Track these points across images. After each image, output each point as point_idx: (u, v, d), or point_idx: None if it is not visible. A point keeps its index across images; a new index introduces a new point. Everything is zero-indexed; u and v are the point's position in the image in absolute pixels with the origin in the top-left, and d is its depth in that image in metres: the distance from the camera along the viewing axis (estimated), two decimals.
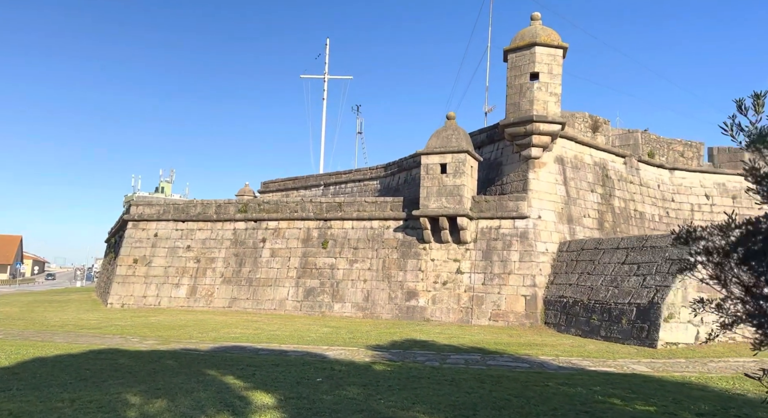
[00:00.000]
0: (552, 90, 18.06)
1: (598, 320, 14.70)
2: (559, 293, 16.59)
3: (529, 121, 17.70)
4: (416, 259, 18.94)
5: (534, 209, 17.86)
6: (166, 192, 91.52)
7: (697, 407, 6.77)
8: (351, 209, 20.76)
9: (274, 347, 12.81)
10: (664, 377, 9.07)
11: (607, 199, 20.37)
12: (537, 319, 16.75)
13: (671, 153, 23.91)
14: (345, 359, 10.90)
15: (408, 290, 18.76)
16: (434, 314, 18.10)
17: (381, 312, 18.91)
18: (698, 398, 7.32)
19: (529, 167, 18.36)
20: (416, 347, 12.93)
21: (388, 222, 19.95)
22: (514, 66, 18.65)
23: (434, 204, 18.12)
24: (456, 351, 12.34)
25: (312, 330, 15.94)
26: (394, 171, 29.04)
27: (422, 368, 9.88)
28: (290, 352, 12.04)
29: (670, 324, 12.82)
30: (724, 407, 6.85)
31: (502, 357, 11.54)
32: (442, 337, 14.73)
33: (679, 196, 23.51)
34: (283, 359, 10.81)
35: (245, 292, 21.43)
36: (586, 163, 20.17)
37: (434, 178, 18.23)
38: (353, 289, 19.67)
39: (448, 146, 18.08)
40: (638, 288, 14.02)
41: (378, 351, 12.15)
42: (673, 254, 13.75)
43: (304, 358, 11.13)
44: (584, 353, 12.25)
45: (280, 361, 10.58)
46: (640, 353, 12.31)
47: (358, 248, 20.18)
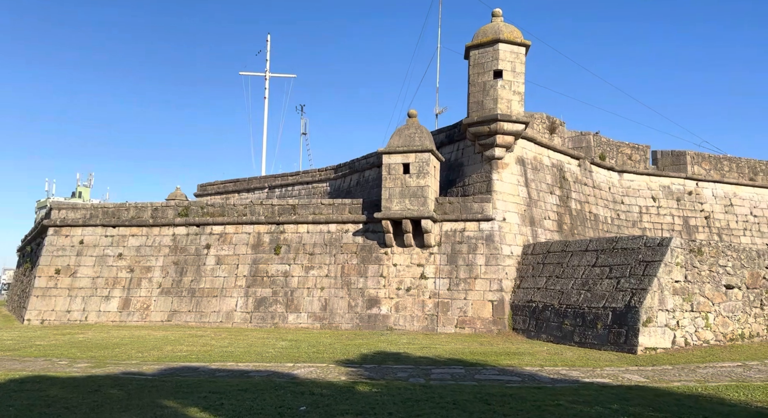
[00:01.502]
0: (515, 89, 17.68)
1: (571, 325, 14.31)
2: (527, 298, 16.13)
3: (493, 120, 17.20)
4: (378, 264, 17.93)
5: (499, 211, 17.37)
6: (84, 197, 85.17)
7: None
8: (306, 211, 19.45)
9: (232, 367, 11.39)
10: (671, 389, 8.58)
11: (565, 201, 20.31)
12: (505, 325, 16.21)
13: (620, 156, 24.37)
14: (320, 380, 9.71)
15: (369, 298, 17.70)
16: (398, 323, 17.16)
17: (340, 322, 17.73)
18: (729, 415, 6.78)
19: (492, 168, 17.86)
20: (390, 361, 11.92)
21: (346, 225, 18.81)
22: (476, 63, 18.13)
23: (397, 206, 17.21)
24: (435, 364, 11.45)
25: (268, 345, 14.55)
26: (346, 173, 27.92)
27: (411, 387, 8.88)
28: (252, 372, 10.68)
29: (648, 329, 12.57)
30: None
31: (487, 370, 10.77)
32: (413, 348, 13.82)
33: (628, 199, 23.97)
34: (249, 382, 9.46)
35: (187, 304, 19.56)
36: (545, 164, 20.01)
37: (397, 178, 17.32)
38: (309, 298, 18.36)
39: (411, 145, 17.25)
40: (612, 291, 13.73)
41: (351, 367, 11.04)
42: (646, 256, 13.58)
43: (272, 379, 9.83)
44: (566, 361, 11.72)
45: (245, 385, 9.24)
46: (622, 359, 11.93)
47: (315, 253, 18.90)
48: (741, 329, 13.67)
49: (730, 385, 8.81)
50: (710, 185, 25.81)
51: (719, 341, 13.34)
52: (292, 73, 52.86)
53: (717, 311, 13.53)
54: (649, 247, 13.72)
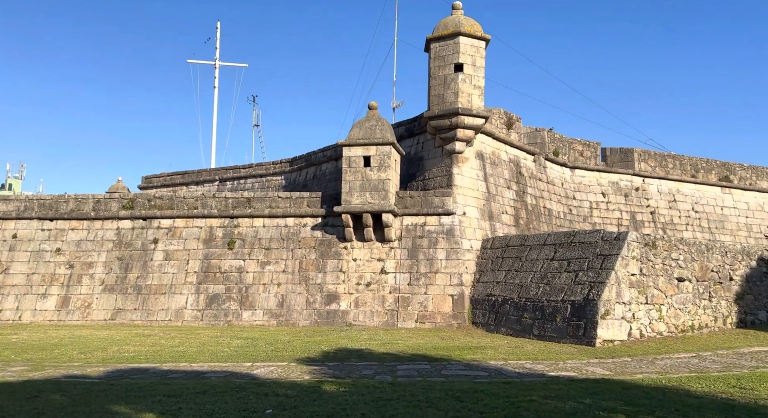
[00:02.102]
0: (476, 83, 17.66)
1: (530, 318, 14.42)
2: (487, 292, 16.17)
3: (454, 113, 17.11)
4: (337, 259, 17.52)
5: (459, 206, 17.32)
6: (15, 190, 79.77)
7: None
8: (262, 205, 18.76)
9: (185, 368, 10.74)
10: (637, 382, 8.67)
11: (521, 196, 20.55)
12: (465, 319, 16.19)
13: (572, 152, 24.93)
14: (283, 380, 9.26)
15: (328, 293, 17.28)
16: (357, 318, 16.83)
17: (298, 319, 17.23)
18: (700, 409, 6.87)
19: (452, 162, 17.79)
20: (353, 358, 11.60)
21: (304, 219, 18.27)
22: (437, 56, 17.98)
23: (357, 200, 16.84)
24: (399, 360, 11.22)
25: (222, 343, 13.91)
26: (302, 166, 27.26)
27: (380, 385, 8.59)
28: (208, 373, 10.10)
29: (606, 321, 12.79)
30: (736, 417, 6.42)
31: (452, 365, 10.63)
32: (375, 343, 13.54)
33: (580, 194, 24.57)
34: (206, 384, 8.90)
35: (133, 301, 18.50)
36: (503, 159, 20.16)
37: (357, 171, 16.94)
38: (265, 294, 17.74)
39: (372, 138, 16.91)
40: (571, 285, 13.93)
41: (313, 365, 10.64)
42: (604, 250, 13.83)
43: (230, 380, 9.30)
44: (529, 355, 11.76)
45: (203, 386, 8.68)
46: (582, 352, 12.08)
47: (271, 248, 18.27)
48: (691, 321, 14.18)
49: (691, 376, 9.01)
50: (656, 182, 26.85)
51: (671, 332, 13.78)
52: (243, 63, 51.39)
53: (669, 304, 13.97)
54: (607, 241, 13.99)
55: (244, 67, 47.87)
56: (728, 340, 13.21)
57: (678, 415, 6.51)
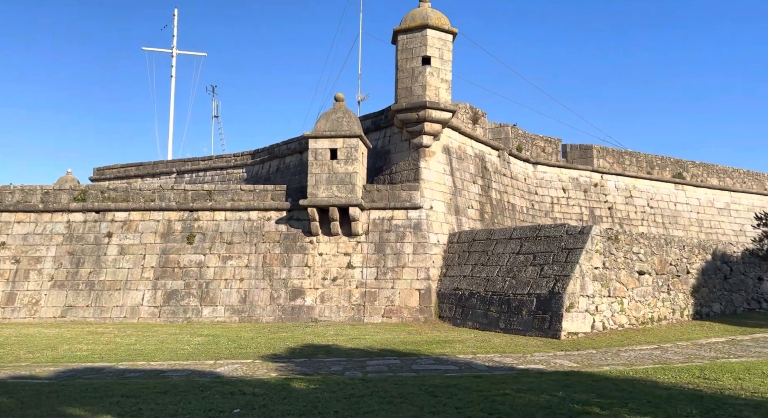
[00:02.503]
0: (443, 76, 17.59)
1: (496, 312, 14.49)
2: (454, 286, 16.17)
3: (422, 107, 16.99)
4: (302, 253, 17.15)
5: (426, 200, 17.24)
6: None
7: (684, 411, 6.32)
8: (224, 197, 18.16)
9: (143, 367, 10.25)
10: (605, 374, 8.75)
11: (486, 190, 20.67)
12: (431, 313, 16.15)
13: (534, 148, 25.29)
14: (249, 378, 8.92)
15: (293, 289, 16.90)
16: (323, 314, 16.54)
17: (261, 315, 16.78)
18: (670, 400, 6.95)
19: (420, 156, 17.68)
20: (321, 354, 11.34)
21: (269, 213, 17.80)
22: (404, 48, 17.81)
23: (324, 193, 16.51)
24: (368, 355, 11.03)
25: (182, 341, 13.39)
26: (264, 158, 26.63)
27: (351, 382, 8.37)
28: (168, 372, 9.65)
29: (571, 314, 12.96)
30: (708, 408, 6.51)
31: (422, 359, 10.53)
32: (341, 339, 13.31)
33: (542, 190, 24.96)
34: (167, 383, 8.47)
35: (85, 298, 17.61)
36: (468, 154, 20.21)
37: (324, 164, 16.60)
38: (227, 289, 17.20)
39: (339, 130, 16.60)
40: (537, 278, 14.06)
41: (280, 362, 10.33)
42: (569, 244, 14.01)
43: (193, 379, 8.89)
44: (496, 348, 11.78)
45: (163, 386, 8.24)
46: (548, 344, 12.20)
47: (233, 242, 17.72)
48: (651, 313, 14.57)
49: (656, 368, 9.17)
50: (613, 178, 27.57)
51: (632, 324, 14.11)
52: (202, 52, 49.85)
53: (630, 296, 14.30)
54: (571, 235, 14.19)
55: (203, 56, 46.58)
56: (686, 331, 13.63)
57: (650, 406, 6.56)
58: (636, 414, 6.26)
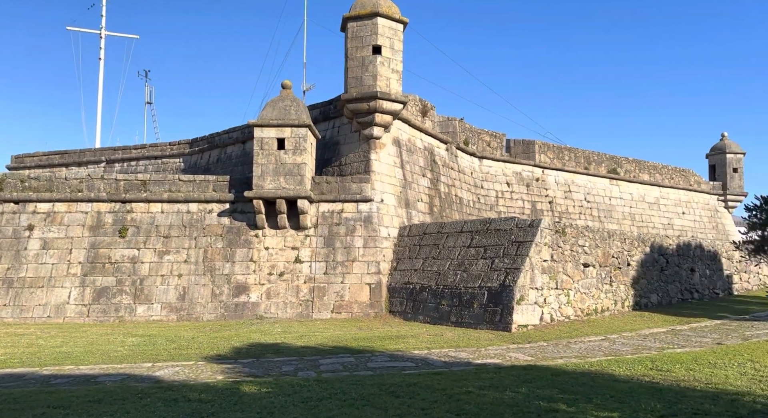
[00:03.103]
0: (394, 67, 17.24)
1: (448, 305, 14.39)
2: (405, 280, 15.94)
3: (373, 97, 16.57)
4: (247, 248, 16.34)
5: (377, 192, 16.87)
6: None
7: (648, 405, 6.32)
8: (160, 188, 17.00)
9: (72, 371, 9.34)
10: (562, 368, 8.76)
11: (435, 184, 20.58)
12: (382, 308, 15.85)
13: (480, 142, 25.49)
14: (193, 382, 8.26)
15: (237, 285, 16.09)
16: (269, 310, 15.85)
17: (202, 312, 15.88)
18: (631, 393, 6.96)
19: (370, 148, 17.27)
20: (269, 353, 10.77)
21: (210, 205, 16.82)
22: (354, 36, 17.29)
23: (271, 184, 15.77)
24: (320, 354, 10.58)
25: (115, 342, 12.42)
26: (204, 148, 25.32)
27: (305, 383, 7.90)
28: (101, 377, 8.81)
29: (521, 306, 13.04)
30: (670, 402, 6.55)
31: (377, 356, 10.20)
32: (290, 337, 12.77)
33: (487, 183, 25.23)
34: (100, 391, 7.68)
35: (2, 297, 16.03)
36: (418, 147, 20.02)
37: (270, 154, 15.85)
38: (164, 286, 16.14)
39: (287, 119, 15.88)
40: (488, 271, 14.05)
41: (226, 364, 9.69)
42: (519, 237, 14.09)
43: (129, 384, 8.13)
44: (450, 342, 11.64)
45: (97, 394, 7.46)
46: (499, 337, 12.20)
47: (171, 236, 16.64)
48: (595, 305, 14.94)
49: (609, 360, 9.28)
50: (553, 173, 28.32)
51: (578, 316, 14.41)
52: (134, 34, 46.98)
53: (576, 288, 14.59)
54: (521, 228, 14.27)
55: (135, 38, 43.83)
56: (629, 322, 14.06)
57: (614, 401, 6.53)
58: (603, 410, 6.19)
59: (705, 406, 6.19)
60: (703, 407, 6.15)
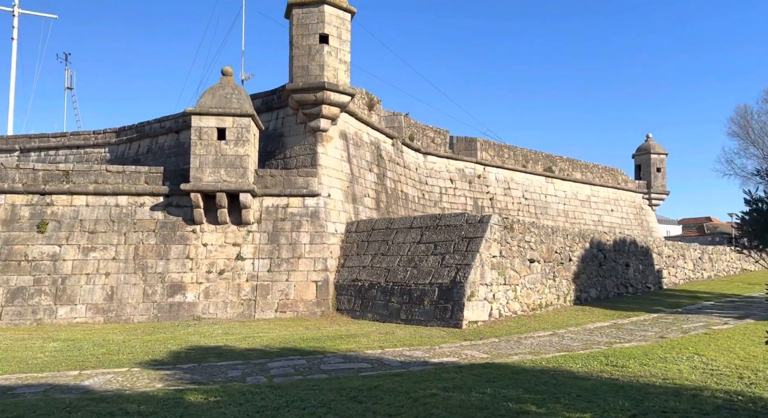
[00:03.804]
0: (342, 57, 16.70)
1: (398, 302, 14.10)
2: (353, 277, 15.50)
3: (320, 88, 15.96)
4: (183, 244, 15.28)
5: (324, 187, 16.28)
6: None
7: (616, 404, 6.25)
8: (85, 179, 15.57)
9: None
10: (519, 364, 8.65)
11: (382, 179, 20.25)
12: (329, 306, 15.33)
13: (425, 138, 25.42)
14: (128, 391, 7.46)
15: (172, 284, 15.01)
16: (207, 311, 14.92)
17: (132, 314, 14.70)
18: (596, 392, 6.90)
19: (317, 140, 16.65)
20: (211, 357, 10.03)
21: (142, 198, 15.59)
22: (300, 23, 16.59)
23: (210, 177, 14.81)
24: (267, 356, 9.96)
25: (34, 347, 11.22)
26: (132, 138, 23.63)
27: (257, 390, 7.31)
28: (19, 388, 7.82)
29: (472, 303, 12.95)
30: (636, 399, 6.52)
31: (329, 358, 9.72)
32: (233, 338, 12.02)
33: (431, 180, 25.21)
34: (20, 404, 6.76)
35: None
36: (365, 141, 19.59)
37: (210, 145, 14.88)
38: (89, 286, 14.81)
39: (228, 107, 14.96)
40: (438, 267, 13.88)
41: (164, 370, 8.89)
42: (469, 233, 14.01)
43: (53, 396, 7.23)
44: (402, 341, 11.34)
45: (15, 408, 6.56)
46: (451, 335, 12.04)
47: (97, 231, 15.28)
48: (540, 300, 15.15)
49: (564, 356, 9.28)
50: (494, 170, 28.79)
51: (524, 311, 14.54)
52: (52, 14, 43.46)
53: (523, 284, 14.72)
54: (471, 224, 14.20)
55: (54, 18, 40.62)
56: (572, 317, 14.34)
57: (582, 401, 6.44)
58: (573, 410, 6.06)
59: (670, 403, 6.20)
60: (669, 405, 6.15)
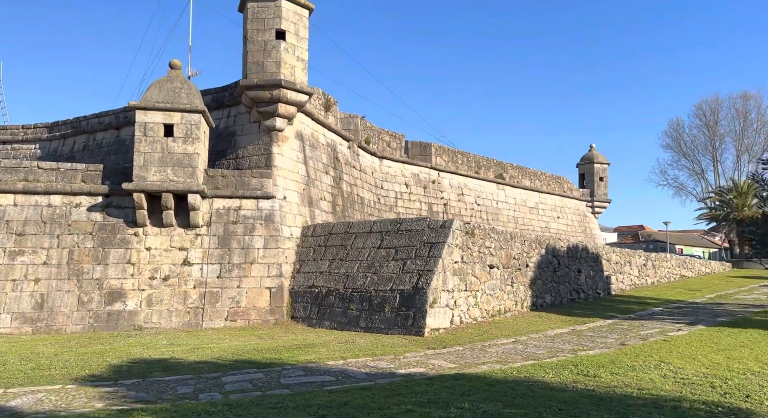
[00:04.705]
0: (299, 55, 16.06)
1: (357, 310, 13.56)
2: (309, 283, 14.83)
3: (276, 85, 15.25)
4: (124, 248, 14.12)
5: (279, 189, 15.54)
6: None
7: None
8: (13, 177, 14.14)
9: None
10: (491, 375, 8.30)
11: (338, 182, 19.68)
12: (283, 314, 14.58)
13: (381, 142, 25.06)
14: (63, 412, 6.59)
15: (111, 291, 13.82)
16: (150, 320, 13.83)
17: (65, 323, 13.43)
18: (576, 404, 6.64)
19: (272, 140, 15.90)
20: (157, 371, 9.16)
21: (78, 198, 14.31)
22: (255, 18, 15.84)
23: (156, 176, 13.76)
24: (219, 369, 9.20)
25: None
26: (67, 133, 21.94)
27: (211, 408, 6.60)
28: None
29: (434, 310, 12.61)
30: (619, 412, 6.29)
31: (288, 370, 9.06)
32: (180, 350, 11.12)
33: (387, 184, 24.85)
34: None
35: None
36: (321, 143, 18.97)
37: (156, 142, 13.85)
38: (16, 293, 13.41)
39: (176, 102, 13.99)
40: (399, 273, 13.46)
41: (104, 387, 8.00)
42: (431, 238, 13.68)
43: None
44: (364, 350, 10.82)
45: None
46: (413, 343, 11.64)
47: (26, 234, 13.89)
48: (499, 306, 15.02)
49: (533, 365, 9.04)
50: (448, 176, 28.80)
51: (484, 317, 14.35)
52: None
53: (483, 290, 14.54)
54: (433, 229, 13.89)
55: None
56: (531, 323, 14.26)
57: (564, 414, 6.15)
58: None
59: (654, 416, 6.01)
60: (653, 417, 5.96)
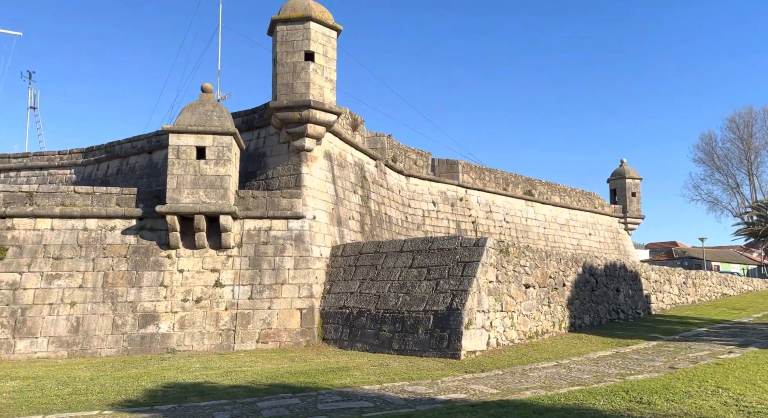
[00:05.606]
0: (328, 75, 16.13)
1: (389, 331, 13.28)
2: (340, 304, 14.62)
3: (306, 106, 15.30)
4: (158, 270, 14.18)
5: (309, 209, 15.48)
6: None
7: None
8: (51, 201, 14.40)
9: None
10: (538, 402, 7.93)
11: (366, 201, 19.57)
12: (314, 336, 14.37)
13: (407, 160, 24.95)
14: None
15: (144, 313, 13.85)
16: (183, 342, 13.78)
17: (100, 347, 13.47)
18: None
19: (301, 161, 15.91)
20: (192, 396, 9.02)
21: (113, 221, 14.48)
22: (285, 40, 16.00)
23: (188, 198, 13.85)
24: (254, 394, 9.01)
25: None
26: (101, 158, 22.43)
27: None
28: None
29: (470, 331, 12.25)
30: None
31: (324, 395, 8.82)
32: (213, 373, 10.99)
33: (414, 202, 24.65)
34: None
35: None
36: (349, 162, 18.94)
37: (188, 164, 13.97)
38: (53, 316, 13.54)
39: (208, 125, 14.13)
40: (432, 293, 13.16)
41: (141, 412, 7.89)
42: (464, 257, 13.38)
43: None
44: (400, 374, 10.51)
45: None
46: (450, 366, 11.28)
47: (63, 257, 14.07)
48: (536, 327, 14.55)
49: (581, 391, 8.61)
50: (476, 193, 28.46)
51: (521, 339, 13.89)
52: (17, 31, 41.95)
53: (519, 310, 14.11)
54: (466, 247, 13.59)
55: (18, 35, 39.18)
56: (571, 345, 13.75)
57: None
58: None
59: None
60: None
